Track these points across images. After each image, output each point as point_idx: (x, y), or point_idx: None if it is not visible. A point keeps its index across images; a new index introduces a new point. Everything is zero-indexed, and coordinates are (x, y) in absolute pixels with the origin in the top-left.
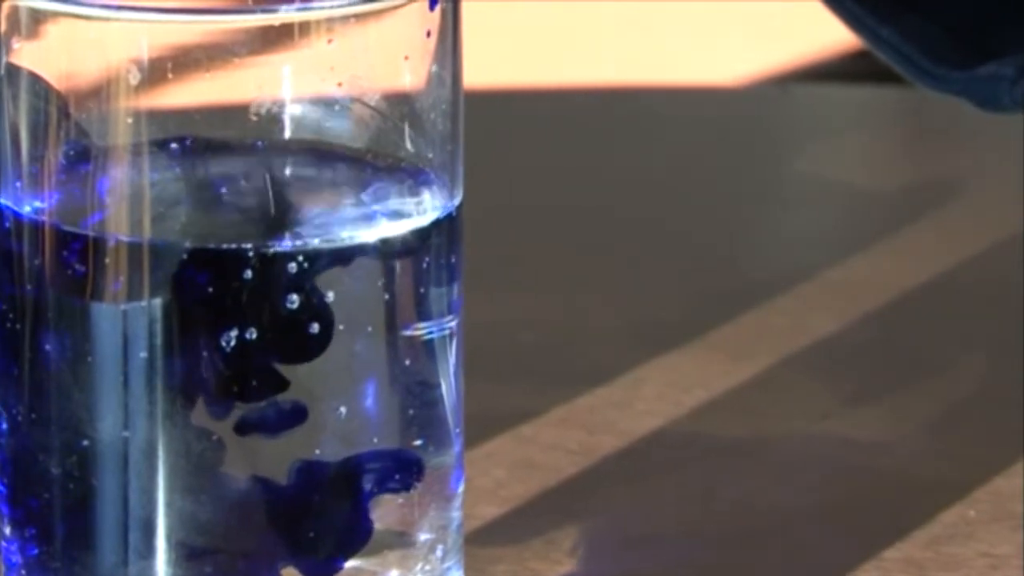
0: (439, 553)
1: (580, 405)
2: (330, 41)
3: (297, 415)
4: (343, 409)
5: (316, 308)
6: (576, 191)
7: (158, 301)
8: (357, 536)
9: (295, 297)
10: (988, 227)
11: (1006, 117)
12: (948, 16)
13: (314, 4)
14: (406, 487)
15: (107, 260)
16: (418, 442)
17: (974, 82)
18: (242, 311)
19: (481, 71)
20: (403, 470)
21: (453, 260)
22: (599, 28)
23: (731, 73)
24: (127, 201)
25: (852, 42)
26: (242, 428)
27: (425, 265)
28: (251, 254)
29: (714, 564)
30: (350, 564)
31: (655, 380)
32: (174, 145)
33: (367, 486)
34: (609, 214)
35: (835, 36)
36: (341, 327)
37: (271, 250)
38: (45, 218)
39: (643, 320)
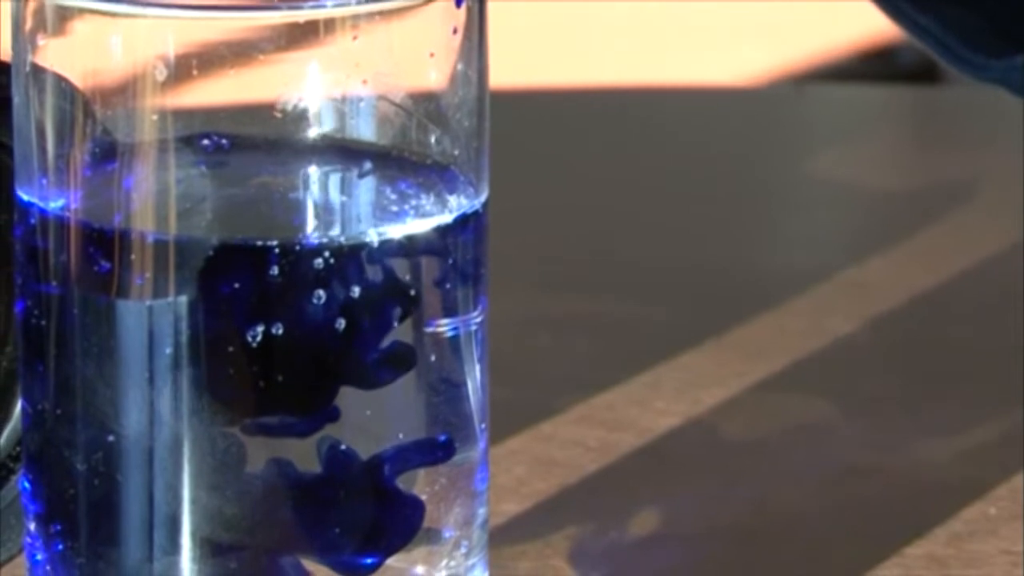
0: (464, 549)
1: (599, 403)
2: (355, 38)
3: (328, 414)
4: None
5: (341, 304)
6: (595, 191)
7: (183, 298)
8: (397, 533)
9: (321, 293)
10: (1003, 228)
11: (1020, 116)
12: (987, 4)
13: (340, 1)
14: (433, 463)
15: (132, 256)
16: (443, 438)
17: (1011, 71)
18: (268, 307)
19: (507, 69)
20: (430, 452)
21: (478, 257)
22: (617, 27)
23: (745, 73)
24: (153, 198)
25: (867, 43)
26: (269, 426)
27: (450, 262)
28: (277, 250)
29: (734, 561)
30: (373, 560)
31: (673, 379)
32: (199, 142)
33: (394, 482)
34: (627, 214)
35: (851, 36)
36: (366, 323)
37: (297, 246)
38: (71, 215)
39: (661, 319)
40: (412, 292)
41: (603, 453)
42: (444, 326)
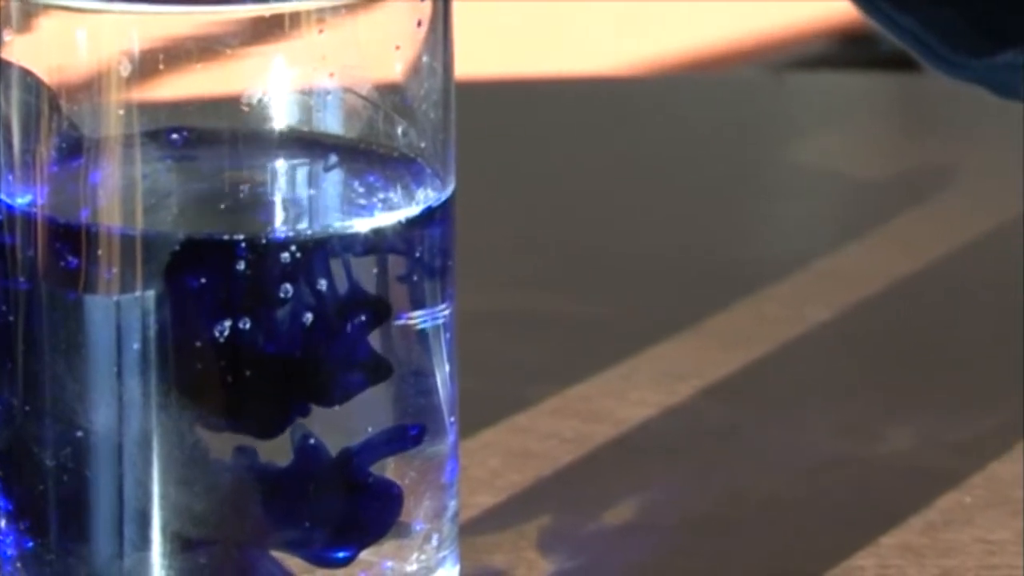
0: (434, 542)
1: (575, 394)
2: (321, 31)
3: (298, 409)
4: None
5: (309, 298)
6: (570, 181)
7: (151, 292)
8: (373, 524)
9: (288, 287)
10: (985, 215)
11: (1003, 104)
12: (966, 3)
13: None
14: (402, 449)
15: (100, 252)
16: (413, 431)
17: (992, 70)
18: (235, 301)
19: (472, 61)
20: (400, 441)
21: (446, 249)
22: (588, 14)
23: (723, 59)
24: (119, 193)
25: (847, 30)
26: (238, 422)
27: (418, 254)
28: (243, 244)
29: (709, 551)
30: (347, 553)
31: (649, 369)
32: (166, 137)
33: (368, 474)
34: (603, 203)
35: (831, 23)
36: (334, 317)
37: (263, 240)
38: (37, 210)
39: (637, 309)
40: (380, 285)
41: (579, 444)
42: (412, 319)
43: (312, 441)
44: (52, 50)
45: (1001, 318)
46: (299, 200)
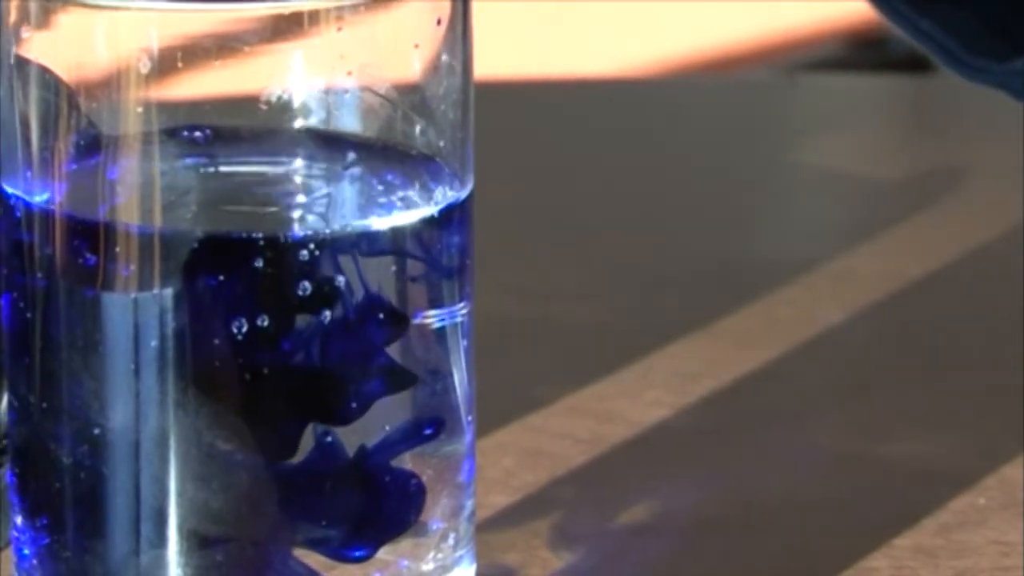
0: (451, 541)
1: (589, 394)
2: (340, 30)
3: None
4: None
5: (327, 296)
6: (582, 182)
7: (169, 290)
8: (393, 519)
9: (306, 285)
10: (996, 217)
11: (1015, 106)
12: (988, 8)
13: None
14: (419, 444)
15: (118, 249)
16: (429, 431)
17: (1011, 75)
18: (253, 299)
19: (491, 61)
20: (416, 436)
21: (463, 248)
22: (604, 14)
23: (735, 61)
24: (138, 190)
25: (859, 32)
26: (256, 420)
27: (435, 253)
28: (262, 242)
29: (722, 552)
30: (364, 551)
31: (663, 370)
32: (184, 134)
33: (387, 469)
34: (616, 204)
35: (842, 25)
36: (352, 315)
37: (282, 238)
38: (56, 208)
39: (651, 310)
40: (398, 283)
41: (593, 445)
42: (431, 318)
43: (329, 438)
44: (71, 47)
45: (1014, 319)
46: (317, 198)
